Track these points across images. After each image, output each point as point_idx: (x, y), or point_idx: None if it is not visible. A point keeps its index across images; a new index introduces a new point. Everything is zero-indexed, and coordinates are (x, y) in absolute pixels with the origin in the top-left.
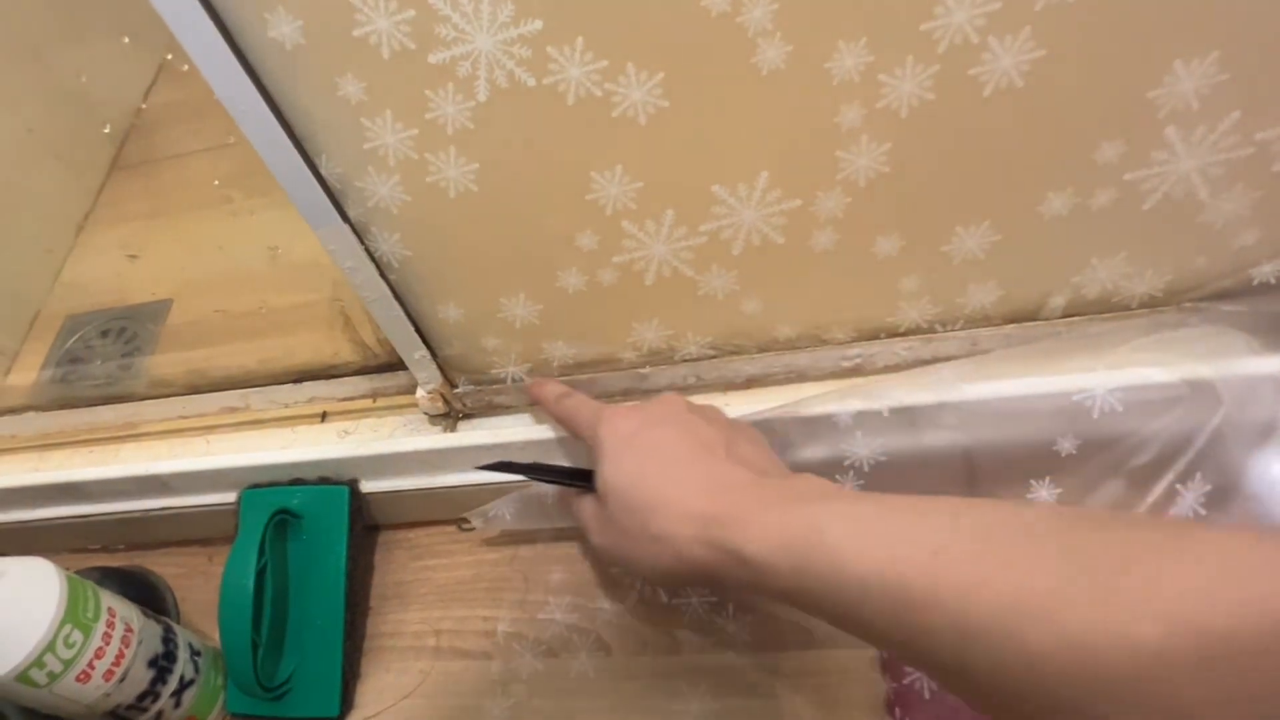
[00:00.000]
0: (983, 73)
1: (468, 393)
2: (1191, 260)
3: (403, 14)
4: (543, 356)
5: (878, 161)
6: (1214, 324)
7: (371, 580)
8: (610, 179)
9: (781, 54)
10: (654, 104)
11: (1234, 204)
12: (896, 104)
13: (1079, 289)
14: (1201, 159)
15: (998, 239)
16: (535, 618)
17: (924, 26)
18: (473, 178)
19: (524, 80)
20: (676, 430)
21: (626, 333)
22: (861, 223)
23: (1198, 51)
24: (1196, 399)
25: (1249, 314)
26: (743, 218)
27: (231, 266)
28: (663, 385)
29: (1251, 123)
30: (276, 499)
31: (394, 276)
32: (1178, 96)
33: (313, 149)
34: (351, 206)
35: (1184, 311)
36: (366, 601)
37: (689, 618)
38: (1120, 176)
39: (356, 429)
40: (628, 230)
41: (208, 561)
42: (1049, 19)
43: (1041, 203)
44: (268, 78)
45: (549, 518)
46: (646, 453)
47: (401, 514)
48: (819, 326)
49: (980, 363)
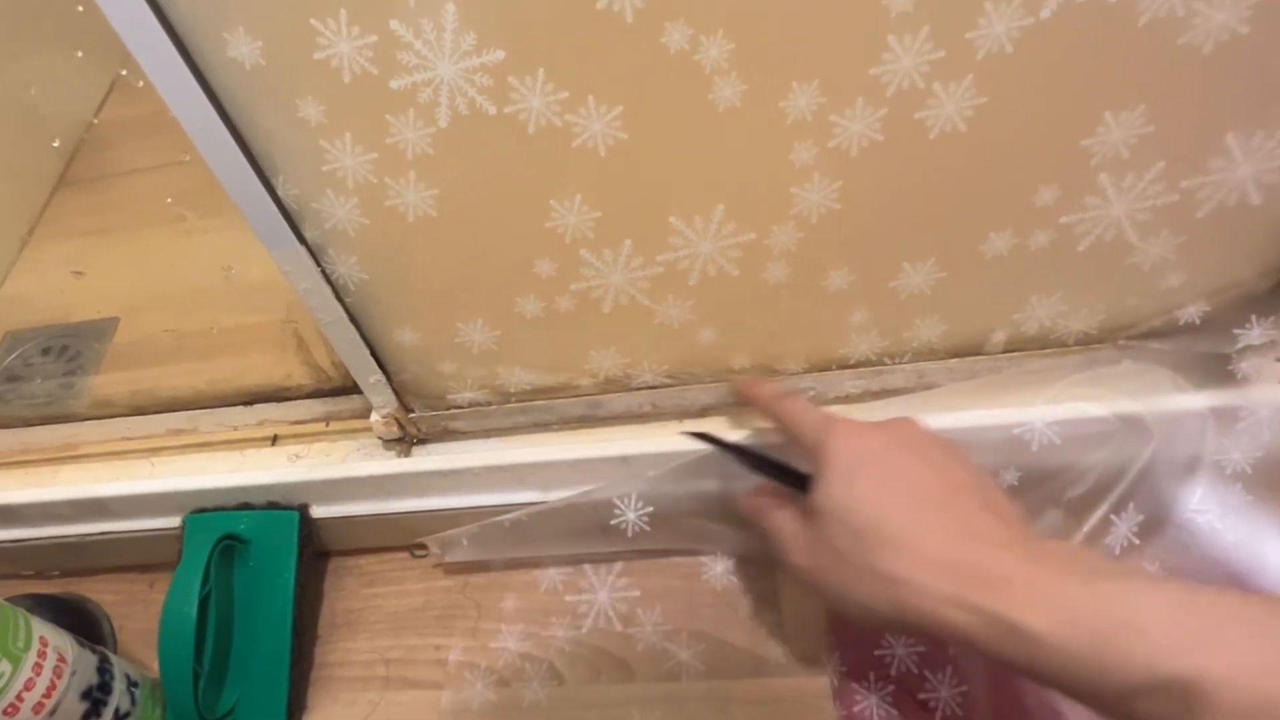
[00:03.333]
0: (928, 117)
1: (423, 417)
2: (1123, 300)
3: (365, 39)
4: (499, 382)
5: (829, 198)
6: (1144, 362)
7: (320, 607)
8: (569, 208)
9: (737, 92)
10: (614, 136)
11: (1160, 248)
12: (847, 144)
13: (1019, 325)
14: (1130, 205)
15: (943, 276)
16: (487, 646)
17: (873, 71)
18: (432, 203)
19: (485, 108)
20: (921, 461)
21: (583, 360)
22: (813, 257)
23: (1126, 104)
24: (1128, 433)
25: (1176, 352)
26: (699, 249)
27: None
28: (619, 413)
29: (1176, 172)
30: (223, 524)
31: (350, 299)
32: (1108, 145)
33: (270, 169)
34: (308, 228)
35: (1117, 349)
36: (314, 629)
37: (642, 646)
38: (1056, 219)
39: (308, 453)
40: (586, 259)
41: (148, 588)
42: (989, 68)
43: (983, 242)
44: (225, 97)
45: (506, 547)
46: (886, 479)
47: (353, 540)
48: (772, 357)
49: (929, 397)
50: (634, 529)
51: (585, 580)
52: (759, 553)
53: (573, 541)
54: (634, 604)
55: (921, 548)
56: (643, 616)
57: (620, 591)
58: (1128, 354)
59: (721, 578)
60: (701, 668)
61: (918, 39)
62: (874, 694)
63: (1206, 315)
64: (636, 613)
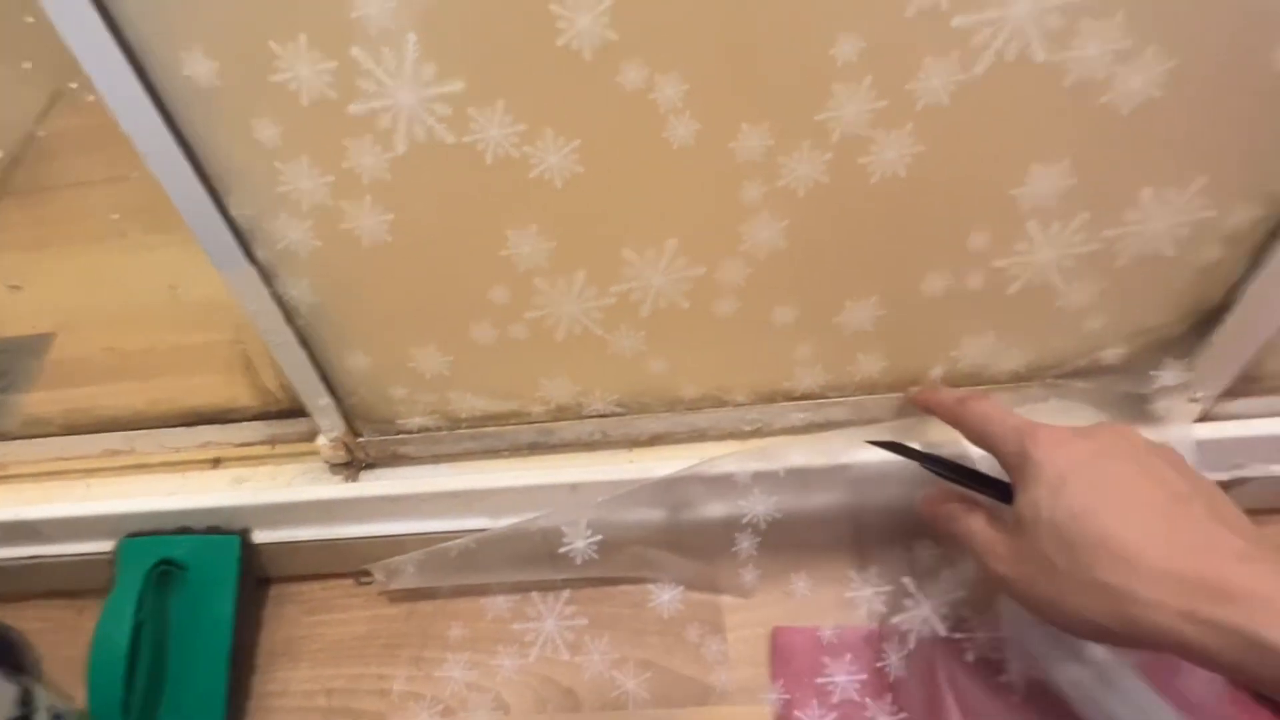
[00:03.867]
0: (870, 162)
1: (372, 442)
2: (1049, 341)
3: (325, 64)
4: (451, 408)
5: (776, 236)
6: (1069, 399)
7: (260, 636)
8: (525, 237)
9: (691, 131)
10: (570, 169)
11: (1084, 293)
12: (794, 185)
13: (955, 362)
14: (1057, 251)
15: (883, 313)
16: (432, 675)
17: (819, 116)
18: (387, 228)
19: (443, 137)
20: (1138, 469)
21: (535, 387)
22: (761, 292)
23: (1052, 158)
24: None
25: (1098, 391)
26: (651, 282)
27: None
28: (569, 440)
29: (1098, 222)
30: (159, 548)
31: (301, 322)
32: (1037, 195)
33: (222, 189)
34: (260, 249)
35: (1045, 387)
36: (253, 658)
37: (589, 674)
38: (989, 263)
39: (252, 476)
40: (540, 287)
41: (76, 615)
42: (927, 119)
43: (922, 282)
44: (179, 115)
45: (453, 574)
46: (1100, 488)
47: (296, 566)
48: (721, 388)
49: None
50: (583, 557)
51: (532, 608)
52: (706, 581)
53: (521, 569)
54: (581, 632)
55: (1147, 560)
56: (590, 645)
57: (567, 620)
58: (1054, 392)
59: (668, 606)
60: (647, 696)
61: (861, 88)
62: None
63: (1126, 357)
64: (584, 641)
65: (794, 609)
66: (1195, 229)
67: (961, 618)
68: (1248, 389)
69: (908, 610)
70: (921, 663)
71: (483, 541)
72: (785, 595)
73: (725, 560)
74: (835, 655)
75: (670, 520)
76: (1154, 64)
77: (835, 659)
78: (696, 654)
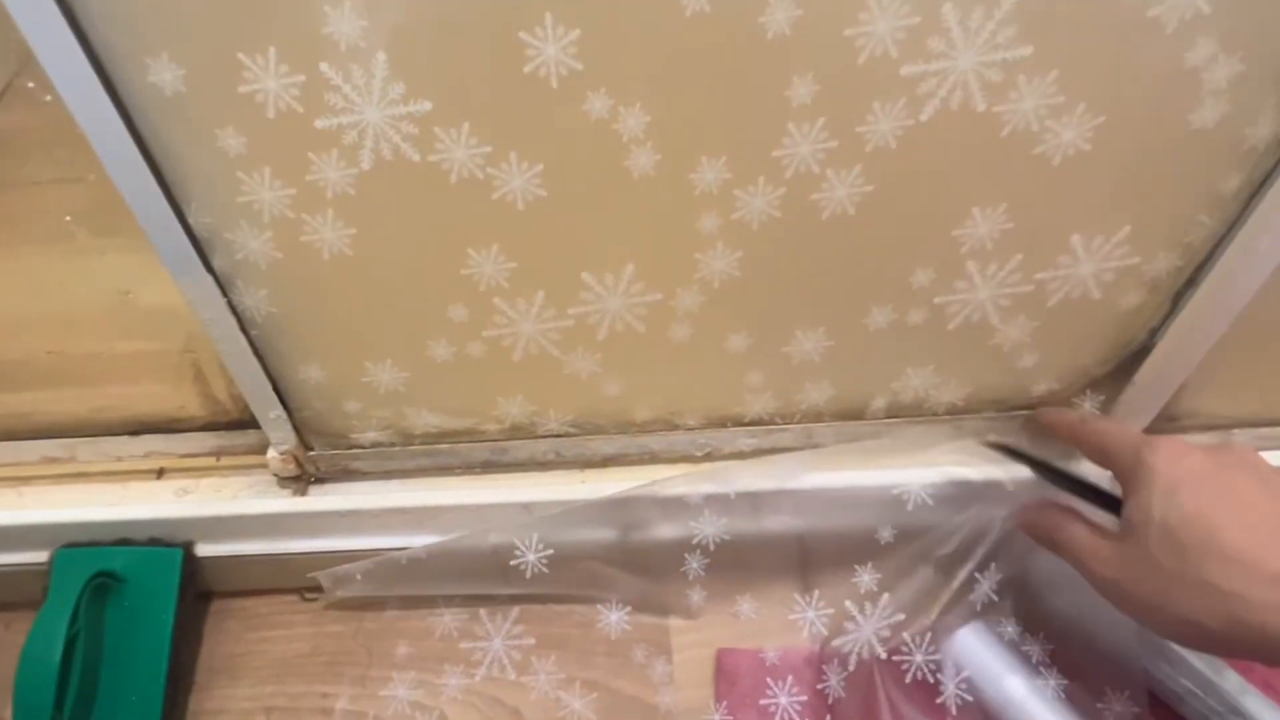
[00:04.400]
0: (822, 199)
1: (323, 456)
2: (985, 376)
3: (293, 78)
4: (405, 424)
5: (730, 266)
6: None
7: (200, 651)
8: (486, 257)
9: (651, 161)
10: (533, 192)
11: (1018, 331)
12: (749, 217)
13: (897, 394)
14: (993, 291)
15: (831, 344)
16: (377, 694)
17: (775, 153)
18: (349, 242)
19: (409, 155)
20: (1256, 482)
21: (491, 406)
22: (714, 320)
23: (991, 202)
24: (991, 496)
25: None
26: (608, 305)
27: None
28: (523, 459)
29: (1031, 264)
30: (96, 560)
31: (256, 332)
32: (976, 237)
33: (182, 196)
34: (217, 258)
35: (982, 420)
36: (192, 675)
37: (536, 694)
38: (931, 299)
39: (197, 488)
40: (499, 307)
41: (4, 629)
42: (876, 160)
43: (867, 316)
44: (141, 120)
45: (402, 584)
46: (1216, 495)
47: (239, 581)
48: (673, 412)
49: (815, 456)
50: (533, 570)
51: (480, 628)
52: (654, 601)
53: (470, 581)
54: (528, 652)
55: (1262, 564)
56: (537, 665)
57: (515, 639)
58: (991, 424)
59: (616, 627)
60: (593, 717)
61: (815, 128)
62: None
63: (1056, 393)
64: (531, 661)
65: (739, 631)
66: (1120, 274)
67: (900, 640)
68: (1166, 427)
69: (849, 633)
70: (860, 684)
71: (433, 552)
72: (731, 617)
73: (674, 580)
74: (778, 677)
75: (622, 539)
76: (1084, 120)
77: (778, 680)
78: (643, 675)
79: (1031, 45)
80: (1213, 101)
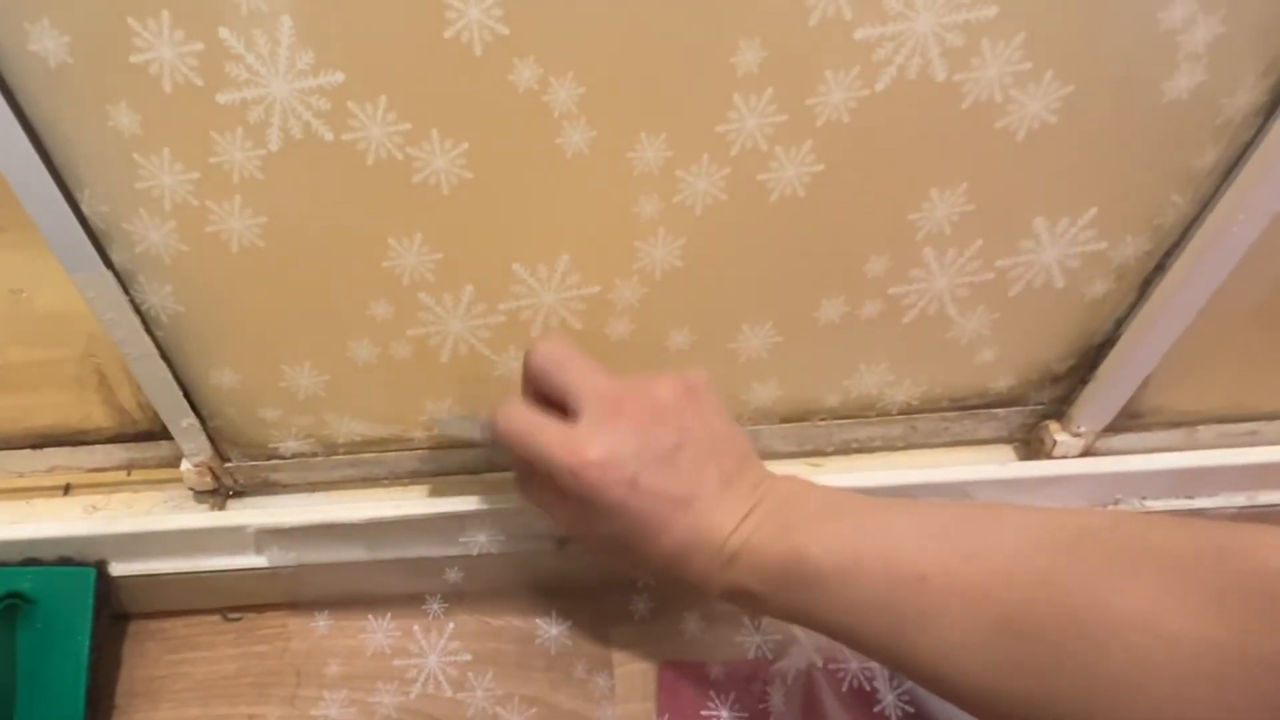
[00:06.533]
0: (770, 179)
1: (241, 468)
2: (942, 371)
3: (189, 45)
4: (327, 432)
5: (672, 255)
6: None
7: (118, 675)
8: (408, 247)
9: (586, 139)
10: (457, 174)
11: (976, 323)
12: (691, 200)
13: (849, 392)
14: (951, 280)
15: (779, 340)
16: (307, 714)
17: (719, 128)
18: (259, 232)
19: (321, 133)
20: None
21: (419, 411)
22: (656, 314)
23: (950, 182)
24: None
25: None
26: (542, 299)
27: None
28: (453, 468)
29: (992, 251)
30: (4, 580)
31: (162, 333)
32: (933, 221)
33: (73, 182)
34: (116, 251)
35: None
36: (111, 699)
37: (473, 711)
38: (885, 290)
39: (107, 504)
40: (424, 303)
41: None
42: (827, 136)
43: (818, 309)
44: (24, 97)
45: (335, 549)
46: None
47: (158, 601)
48: None
49: None
50: (480, 549)
51: (414, 644)
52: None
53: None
54: (465, 668)
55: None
56: (473, 681)
57: (450, 655)
58: (946, 424)
59: (555, 641)
60: None
61: (762, 100)
62: None
63: (1014, 390)
64: (467, 677)
65: (683, 646)
66: (1085, 260)
67: (837, 649)
68: (1128, 425)
69: (791, 650)
70: (800, 695)
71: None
72: (677, 632)
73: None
74: (721, 691)
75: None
76: (1051, 89)
77: (721, 695)
78: (583, 689)
79: (996, 4)
80: (1189, 67)
